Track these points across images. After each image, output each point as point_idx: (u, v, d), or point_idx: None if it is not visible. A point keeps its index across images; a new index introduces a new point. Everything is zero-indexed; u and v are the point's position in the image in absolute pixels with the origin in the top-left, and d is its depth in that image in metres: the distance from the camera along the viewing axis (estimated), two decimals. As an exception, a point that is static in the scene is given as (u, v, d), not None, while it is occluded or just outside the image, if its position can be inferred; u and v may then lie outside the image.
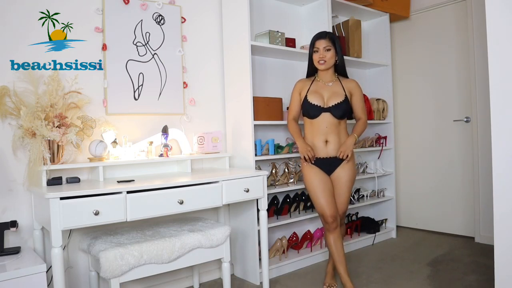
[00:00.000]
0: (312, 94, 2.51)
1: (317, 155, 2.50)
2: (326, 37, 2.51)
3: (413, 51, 4.01)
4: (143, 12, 2.63)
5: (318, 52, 2.50)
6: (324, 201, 2.43)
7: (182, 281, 2.71)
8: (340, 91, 2.52)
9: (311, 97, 2.50)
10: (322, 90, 2.53)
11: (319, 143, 2.49)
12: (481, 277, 2.69)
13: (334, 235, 2.44)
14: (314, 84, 2.56)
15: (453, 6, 3.70)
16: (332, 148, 2.49)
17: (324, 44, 2.48)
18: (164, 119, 2.69)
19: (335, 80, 2.56)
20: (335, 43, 2.51)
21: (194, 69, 2.87)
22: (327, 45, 2.48)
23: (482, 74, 3.38)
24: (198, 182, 2.19)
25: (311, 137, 2.53)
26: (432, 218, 3.91)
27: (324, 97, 2.50)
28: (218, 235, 2.26)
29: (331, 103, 2.47)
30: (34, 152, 2.04)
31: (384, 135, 3.81)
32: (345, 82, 2.57)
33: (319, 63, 2.50)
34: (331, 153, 2.49)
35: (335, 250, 2.44)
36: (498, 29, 1.70)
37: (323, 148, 2.49)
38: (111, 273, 1.89)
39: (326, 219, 2.43)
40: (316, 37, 2.53)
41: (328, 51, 2.48)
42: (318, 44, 2.50)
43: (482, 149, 3.47)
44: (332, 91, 2.52)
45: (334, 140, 2.49)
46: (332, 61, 2.51)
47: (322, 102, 2.49)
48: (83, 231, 2.27)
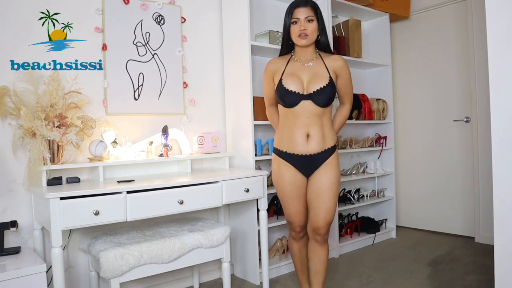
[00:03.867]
0: (288, 78, 2.04)
1: (294, 152, 2.07)
2: (308, 4, 2.02)
3: (413, 51, 4.01)
4: (143, 12, 2.63)
5: (297, 24, 2.01)
6: (295, 210, 2.14)
7: (182, 281, 2.71)
8: (323, 72, 2.04)
9: (287, 82, 2.03)
10: (301, 72, 2.06)
11: (298, 138, 2.04)
12: (481, 277, 2.69)
13: (300, 244, 2.25)
14: (291, 64, 2.09)
15: (453, 6, 3.70)
16: (315, 144, 2.04)
17: (305, 14, 2.00)
18: (164, 119, 2.69)
19: (316, 58, 2.08)
20: (318, 13, 2.04)
21: (194, 69, 2.87)
22: (309, 15, 2.00)
23: (482, 74, 3.38)
24: (198, 182, 2.19)
25: (288, 130, 2.07)
26: (432, 218, 3.91)
27: (304, 81, 2.04)
28: (218, 235, 2.26)
29: (313, 89, 2.01)
30: (34, 152, 2.04)
31: (384, 135, 3.81)
32: (329, 60, 2.08)
33: (299, 37, 2.02)
34: (313, 150, 2.04)
35: (299, 259, 2.28)
36: (498, 29, 1.69)
37: (303, 144, 2.04)
38: (111, 273, 1.89)
39: (294, 228, 2.19)
40: (295, 5, 2.04)
41: (310, 22, 2.01)
42: (298, 14, 2.01)
43: (482, 149, 3.47)
44: (313, 72, 2.05)
45: (316, 134, 2.03)
46: (314, 35, 2.04)
47: (301, 87, 2.03)
48: (83, 231, 2.27)
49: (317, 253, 2.15)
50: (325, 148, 2.07)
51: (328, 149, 2.08)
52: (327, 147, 2.08)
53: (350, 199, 3.52)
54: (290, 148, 2.08)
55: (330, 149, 2.09)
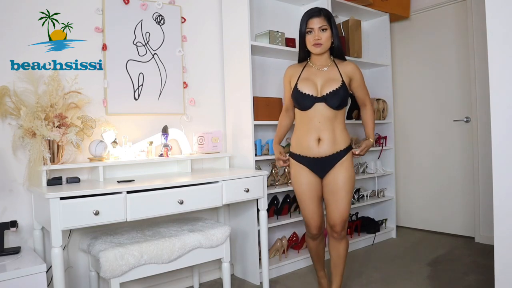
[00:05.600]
0: (303, 82, 2.16)
1: (307, 154, 2.17)
2: (321, 14, 2.11)
3: (413, 51, 4.01)
4: (143, 12, 2.63)
5: (312, 33, 2.12)
6: (311, 211, 2.22)
7: (182, 281, 2.71)
8: (336, 77, 2.14)
9: (302, 85, 2.14)
10: (315, 76, 2.16)
11: (310, 142, 2.14)
12: (481, 277, 2.69)
13: (316, 242, 2.33)
14: (306, 69, 2.21)
15: (453, 6, 3.70)
16: (326, 148, 2.12)
17: (319, 24, 2.10)
18: (164, 119, 2.69)
19: (330, 65, 2.19)
20: (331, 22, 2.14)
21: (194, 69, 2.87)
22: (322, 25, 2.10)
23: (482, 74, 3.38)
24: (198, 182, 2.19)
25: (301, 134, 2.18)
26: (432, 218, 3.91)
27: (318, 85, 2.14)
28: (218, 235, 2.26)
29: (326, 91, 2.10)
30: (34, 152, 2.04)
31: (384, 135, 3.81)
32: (342, 65, 2.19)
33: (314, 46, 2.13)
34: (324, 153, 2.13)
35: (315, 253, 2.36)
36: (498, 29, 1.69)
37: (314, 147, 2.13)
38: (111, 273, 1.89)
39: (311, 230, 2.26)
40: (309, 15, 2.14)
41: (324, 31, 2.11)
42: (312, 24, 2.11)
43: (482, 149, 3.47)
44: (326, 77, 2.15)
45: (328, 138, 2.12)
46: (328, 43, 2.14)
47: (316, 90, 2.13)
48: (83, 231, 2.27)
49: (335, 249, 2.24)
50: (337, 151, 2.15)
51: (340, 151, 2.15)
52: (339, 149, 2.15)
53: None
54: (304, 151, 2.18)
55: (342, 151, 2.16)
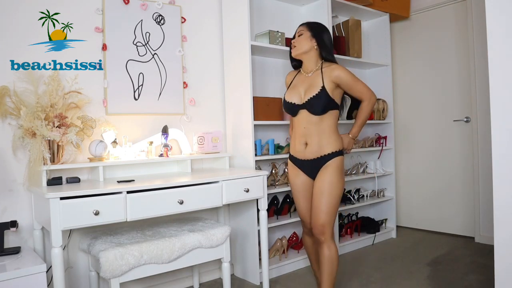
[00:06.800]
0: (290, 90, 2.27)
1: (298, 157, 2.27)
2: (304, 24, 2.29)
3: (413, 51, 4.01)
4: (143, 12, 2.63)
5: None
6: (305, 208, 2.30)
7: (182, 281, 2.71)
8: (317, 82, 2.15)
9: (288, 94, 2.25)
10: (302, 83, 2.24)
11: (299, 146, 2.24)
12: (481, 277, 2.69)
13: (312, 238, 2.33)
14: (297, 76, 2.31)
15: (453, 6, 3.70)
16: (311, 151, 2.19)
17: (298, 31, 2.26)
18: (164, 119, 2.69)
19: (316, 70, 2.22)
20: (312, 28, 2.23)
21: (194, 69, 2.87)
22: (300, 30, 2.25)
23: (482, 74, 3.38)
24: (198, 182, 2.19)
25: (294, 137, 2.30)
26: (432, 218, 3.91)
27: (302, 92, 2.21)
28: (218, 235, 2.26)
29: (307, 98, 2.16)
30: (34, 152, 2.04)
31: (384, 135, 3.81)
32: (328, 69, 2.17)
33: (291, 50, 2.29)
34: (310, 156, 2.20)
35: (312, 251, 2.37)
36: (498, 29, 1.69)
37: (302, 151, 2.23)
38: (111, 273, 1.89)
39: (305, 225, 2.34)
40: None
41: (300, 36, 2.23)
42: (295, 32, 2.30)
43: (482, 149, 3.47)
44: (309, 83, 2.19)
45: (313, 143, 2.18)
46: (304, 46, 2.21)
47: (300, 98, 2.20)
48: (83, 231, 2.27)
49: (321, 251, 2.20)
50: (321, 155, 2.19)
51: (324, 155, 2.18)
52: (324, 153, 2.18)
53: (350, 199, 3.52)
54: (296, 153, 2.29)
55: (327, 155, 2.18)
